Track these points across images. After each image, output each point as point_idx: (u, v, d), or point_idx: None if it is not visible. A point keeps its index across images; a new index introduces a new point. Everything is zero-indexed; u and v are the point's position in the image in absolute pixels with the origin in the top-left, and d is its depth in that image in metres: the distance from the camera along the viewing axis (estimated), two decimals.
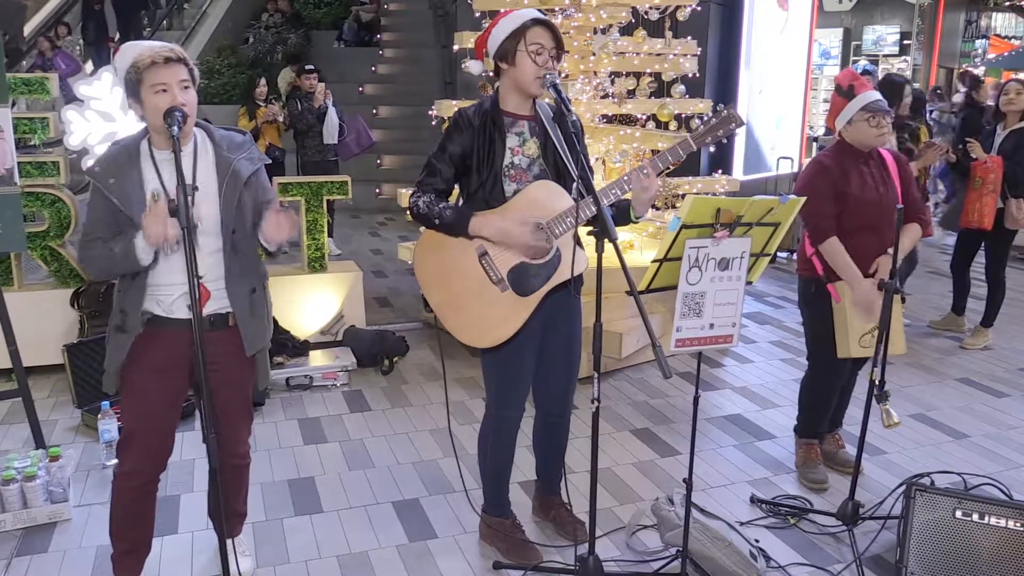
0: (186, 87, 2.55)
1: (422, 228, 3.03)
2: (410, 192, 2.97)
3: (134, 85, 2.52)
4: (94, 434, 4.12)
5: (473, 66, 3.15)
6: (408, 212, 2.96)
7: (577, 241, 2.82)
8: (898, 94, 5.53)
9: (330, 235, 8.48)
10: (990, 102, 6.14)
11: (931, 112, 10.78)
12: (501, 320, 2.90)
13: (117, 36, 13.78)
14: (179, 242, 2.55)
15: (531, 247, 2.84)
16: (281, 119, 8.28)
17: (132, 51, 2.53)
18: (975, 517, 2.96)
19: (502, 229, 2.83)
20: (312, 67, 8.67)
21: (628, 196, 2.86)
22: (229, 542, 2.58)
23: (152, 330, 2.68)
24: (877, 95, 3.61)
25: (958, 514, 2.98)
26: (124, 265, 2.59)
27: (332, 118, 8.15)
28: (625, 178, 2.80)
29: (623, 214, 2.91)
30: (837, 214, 3.60)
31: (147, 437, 2.75)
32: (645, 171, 2.78)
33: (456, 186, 3.04)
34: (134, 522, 2.85)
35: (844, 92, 3.63)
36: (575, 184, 2.75)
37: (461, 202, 3.03)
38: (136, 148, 2.64)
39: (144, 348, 2.68)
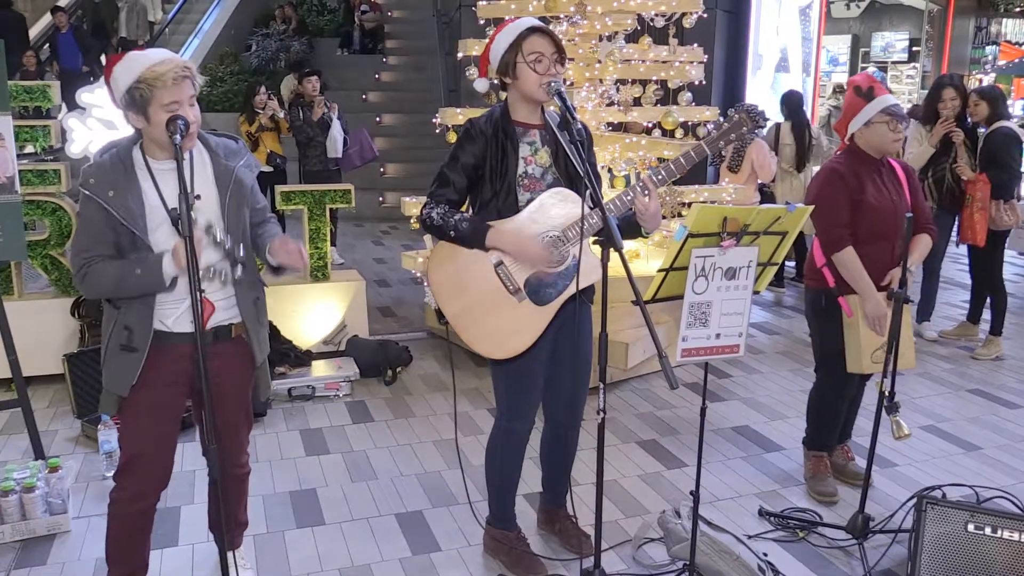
0: (192, 103, 2.50)
1: (427, 238, 2.99)
2: (421, 203, 2.94)
3: (141, 102, 2.42)
4: (94, 445, 4.11)
5: (479, 84, 3.15)
6: (420, 224, 2.93)
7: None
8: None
9: (333, 244, 8.44)
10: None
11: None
12: (519, 330, 2.87)
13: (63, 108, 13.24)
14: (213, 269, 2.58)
15: (544, 261, 2.82)
16: (283, 115, 8.22)
17: (139, 64, 2.42)
18: (988, 531, 2.93)
19: (518, 243, 2.81)
20: (311, 70, 8.62)
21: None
22: (230, 554, 2.56)
23: (156, 347, 2.60)
24: (896, 100, 3.56)
25: (970, 528, 2.95)
26: (139, 286, 2.50)
27: (336, 132, 8.09)
28: (628, 195, 2.77)
29: (633, 228, 2.87)
30: (852, 223, 3.54)
31: (152, 459, 2.69)
32: (645, 190, 2.75)
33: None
34: (135, 545, 2.80)
35: (863, 93, 3.55)
36: (587, 192, 2.72)
37: (472, 212, 3.01)
38: (129, 158, 2.55)
39: (148, 366, 2.60)
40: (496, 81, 3.00)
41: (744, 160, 6.92)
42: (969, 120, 5.80)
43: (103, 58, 13.88)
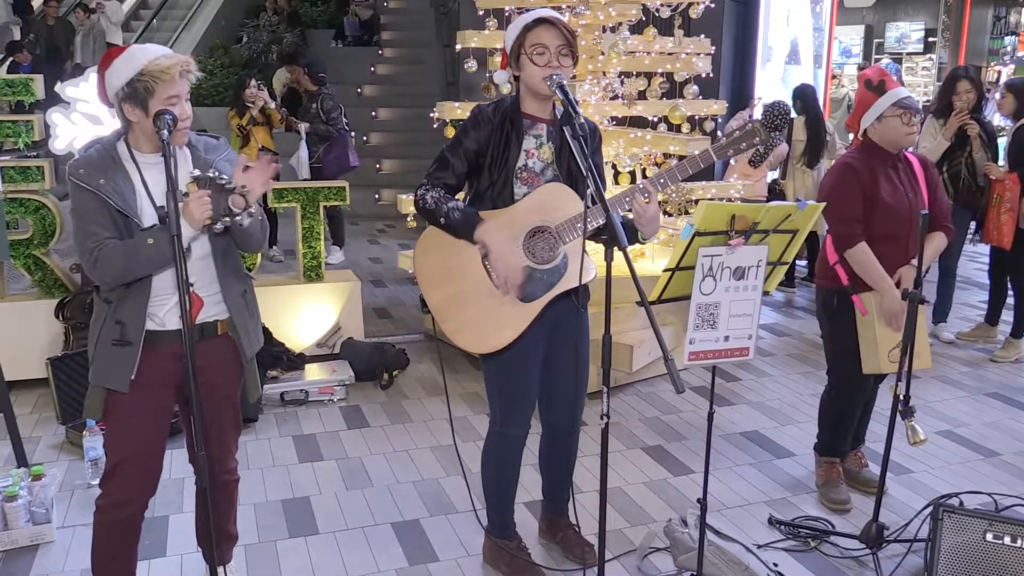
0: (187, 99, 2.55)
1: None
2: (417, 185, 2.93)
3: (144, 95, 2.45)
4: (79, 452, 4.05)
5: (499, 75, 3.13)
6: (413, 204, 2.94)
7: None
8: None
9: (340, 244, 8.34)
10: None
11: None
12: (501, 325, 2.86)
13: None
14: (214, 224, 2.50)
15: (509, 287, 2.81)
16: (273, 105, 8.09)
17: (142, 57, 2.46)
18: (1007, 540, 2.89)
19: (501, 255, 2.79)
20: (308, 61, 8.55)
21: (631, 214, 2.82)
22: (220, 570, 2.53)
23: (145, 345, 2.59)
24: (908, 92, 3.55)
25: (989, 537, 2.92)
26: (155, 257, 2.46)
27: (302, 154, 7.91)
28: (627, 197, 2.75)
29: (630, 232, 2.84)
30: (865, 221, 3.51)
31: (140, 464, 2.66)
32: (645, 193, 2.73)
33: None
34: (121, 556, 2.76)
35: (874, 87, 3.54)
36: (588, 190, 2.68)
37: (468, 200, 3.00)
38: (115, 151, 2.57)
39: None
40: (511, 73, 3.00)
41: (769, 156, 6.78)
42: (985, 113, 5.68)
43: (58, 84, 13.56)
